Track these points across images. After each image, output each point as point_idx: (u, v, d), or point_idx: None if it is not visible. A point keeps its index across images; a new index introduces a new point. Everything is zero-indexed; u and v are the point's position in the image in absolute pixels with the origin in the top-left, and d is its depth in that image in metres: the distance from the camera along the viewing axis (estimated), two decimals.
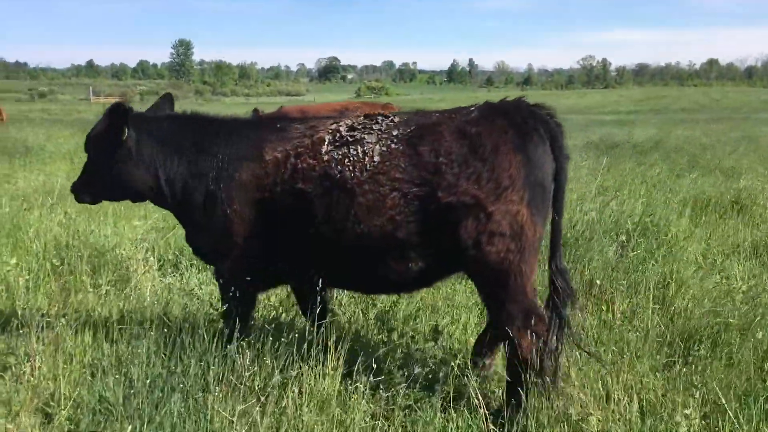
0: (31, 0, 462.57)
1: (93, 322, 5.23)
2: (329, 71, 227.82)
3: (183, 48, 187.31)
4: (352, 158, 3.91)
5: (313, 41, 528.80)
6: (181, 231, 5.46)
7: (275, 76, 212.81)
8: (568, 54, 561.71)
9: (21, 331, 4.89)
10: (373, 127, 4.02)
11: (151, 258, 7.17)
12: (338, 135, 4.05)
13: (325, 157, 3.97)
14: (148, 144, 4.43)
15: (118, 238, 7.80)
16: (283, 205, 4.06)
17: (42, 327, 4.77)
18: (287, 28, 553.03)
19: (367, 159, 3.87)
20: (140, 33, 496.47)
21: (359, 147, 3.93)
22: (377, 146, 3.90)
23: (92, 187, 4.68)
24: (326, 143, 4.03)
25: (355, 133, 4.02)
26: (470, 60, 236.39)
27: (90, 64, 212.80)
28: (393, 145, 3.87)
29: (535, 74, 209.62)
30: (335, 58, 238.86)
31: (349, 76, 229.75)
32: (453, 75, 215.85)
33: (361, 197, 3.83)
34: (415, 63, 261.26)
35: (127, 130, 4.37)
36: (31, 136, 21.35)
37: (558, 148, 3.77)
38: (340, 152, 3.95)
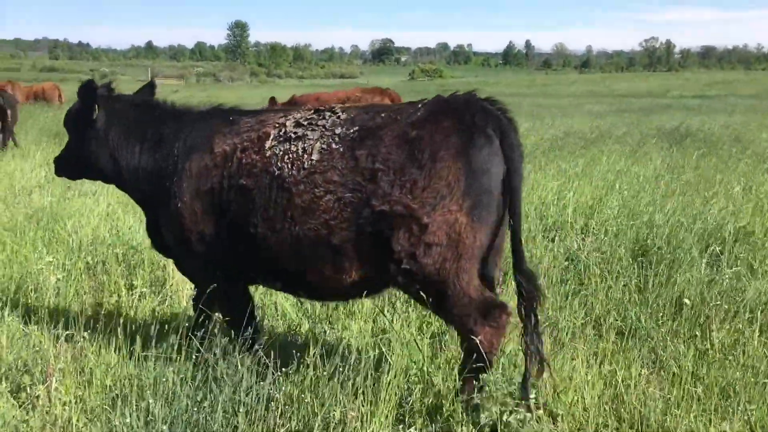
0: None
1: (122, 331, 4.71)
2: (383, 53, 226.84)
3: (239, 30, 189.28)
4: (291, 155, 3.77)
5: (368, 23, 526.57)
6: None
7: (329, 58, 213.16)
8: (630, 35, 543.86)
9: (42, 345, 4.46)
10: (318, 123, 3.85)
11: None
12: (283, 130, 3.91)
13: (268, 153, 3.84)
14: (116, 128, 4.38)
15: None
16: (229, 199, 3.92)
17: (65, 339, 4.33)
18: (342, 9, 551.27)
19: (305, 157, 3.73)
20: (198, 14, 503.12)
21: (300, 144, 3.79)
22: (317, 144, 3.74)
23: (68, 163, 4.70)
24: (271, 138, 3.89)
25: (299, 129, 3.87)
26: (527, 41, 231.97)
27: (149, 45, 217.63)
28: (334, 145, 3.70)
29: (594, 56, 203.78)
30: (389, 40, 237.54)
31: (403, 59, 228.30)
32: (509, 57, 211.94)
33: (297, 197, 3.69)
34: (470, 45, 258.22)
35: (97, 110, 4.35)
36: None
37: (509, 147, 3.50)
38: (282, 148, 3.82)
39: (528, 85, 66.57)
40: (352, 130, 3.70)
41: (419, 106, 3.72)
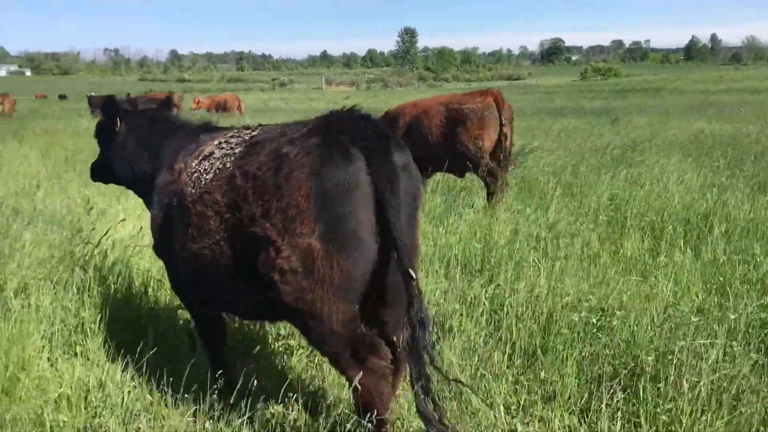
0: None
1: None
2: (552, 53, 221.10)
3: (408, 36, 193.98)
4: (198, 173, 3.68)
5: (537, 24, 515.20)
6: None
7: (497, 60, 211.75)
8: None
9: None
10: (230, 141, 3.71)
11: None
12: (208, 149, 3.79)
13: (191, 171, 3.77)
14: (131, 139, 4.67)
15: None
16: (172, 216, 3.86)
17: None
18: (510, 11, 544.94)
19: (204, 176, 3.62)
20: (370, 24, 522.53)
21: (206, 163, 3.69)
22: (216, 163, 3.60)
23: (100, 170, 5.08)
24: (199, 157, 3.80)
25: (215, 148, 3.74)
26: (712, 35, 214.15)
27: (324, 55, 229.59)
28: (227, 164, 3.52)
29: None
30: (559, 39, 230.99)
31: (574, 58, 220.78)
32: (692, 52, 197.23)
33: (194, 216, 3.58)
34: (648, 41, 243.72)
35: (119, 122, 4.69)
36: None
37: (379, 168, 3.08)
38: (197, 167, 3.74)
39: (715, 81, 61.33)
40: (243, 147, 3.54)
41: (309, 122, 3.45)
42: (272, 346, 4.86)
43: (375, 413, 3.15)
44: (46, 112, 33.76)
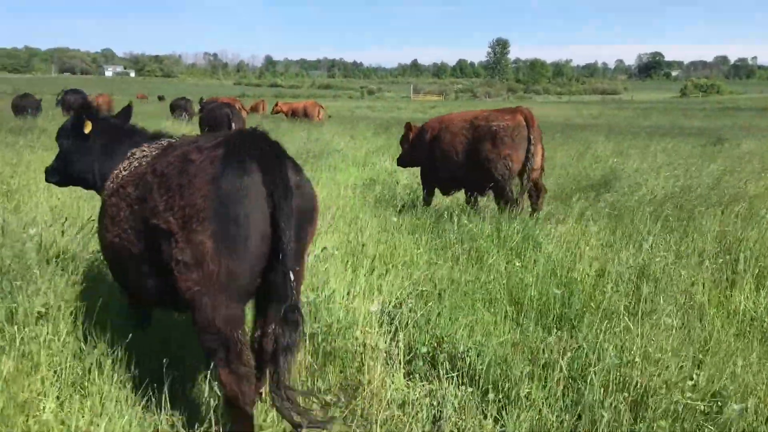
0: (360, 7, 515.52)
1: None
2: (651, 67, 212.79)
3: (500, 47, 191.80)
4: (119, 171, 4.16)
5: (635, 37, 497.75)
6: None
7: (590, 74, 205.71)
8: None
9: None
10: (153, 146, 4.17)
11: (396, 348, 4.61)
12: (136, 154, 4.20)
13: (117, 171, 4.22)
14: (97, 143, 5.12)
15: (353, 312, 5.02)
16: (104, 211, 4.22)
17: None
18: (607, 22, 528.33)
19: (122, 173, 4.09)
20: (462, 34, 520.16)
21: (127, 162, 4.16)
22: (134, 162, 4.07)
23: (58, 172, 5.40)
24: (128, 159, 4.22)
25: (139, 151, 4.20)
26: None
27: (414, 64, 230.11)
28: (143, 163, 3.96)
29: None
30: (659, 54, 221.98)
31: (674, 73, 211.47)
32: None
33: (110, 207, 3.99)
34: (755, 58, 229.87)
35: (90, 125, 5.06)
36: (337, 136, 21.03)
37: (272, 183, 3.42)
38: (122, 167, 4.18)
39: None
40: (158, 151, 3.96)
41: (224, 135, 3.73)
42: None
43: (238, 406, 3.47)
44: (139, 111, 34.88)
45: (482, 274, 6.02)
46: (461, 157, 8.43)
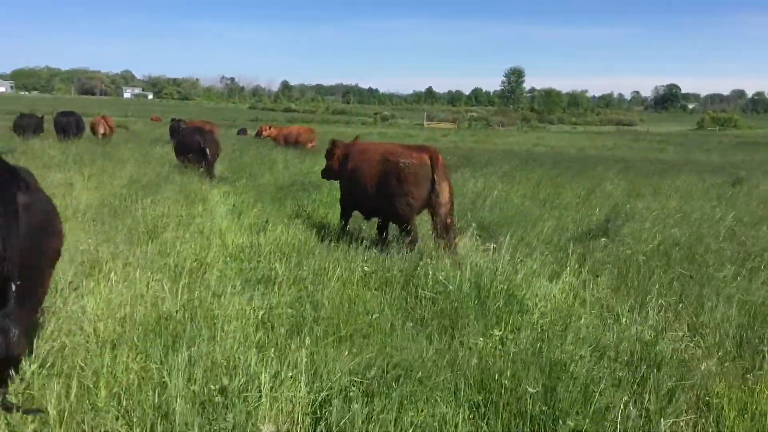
0: (377, 34, 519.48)
1: None
2: (667, 100, 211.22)
3: (515, 76, 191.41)
4: None
5: (651, 69, 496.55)
6: None
7: (606, 105, 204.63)
8: None
9: None
10: None
11: None
12: None
13: None
14: None
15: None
16: None
17: None
18: (623, 54, 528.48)
19: None
20: (477, 63, 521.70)
21: None
22: None
23: None
24: None
25: None
26: None
27: (429, 91, 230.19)
28: None
29: None
30: (675, 86, 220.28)
31: (690, 106, 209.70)
32: None
33: None
34: None
35: None
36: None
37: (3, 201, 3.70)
38: None
39: None
40: None
41: None
42: None
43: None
44: (148, 136, 34.23)
45: (450, 350, 4.99)
46: (372, 188, 8.75)
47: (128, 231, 8.48)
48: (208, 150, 15.49)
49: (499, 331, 5.33)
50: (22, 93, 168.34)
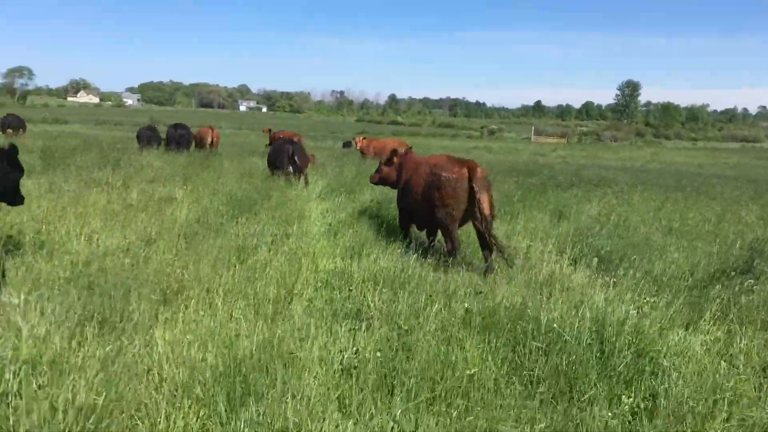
0: (486, 47, 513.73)
1: None
2: None
3: (630, 89, 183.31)
4: None
5: None
6: None
7: (729, 119, 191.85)
8: None
9: None
10: None
11: None
12: None
13: None
14: None
15: None
16: None
17: None
18: (749, 64, 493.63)
19: None
20: (588, 77, 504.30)
21: None
22: None
23: None
24: None
25: None
26: None
27: (538, 105, 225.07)
28: None
29: None
30: None
31: None
32: None
33: None
34: None
35: None
36: None
37: None
38: None
39: None
40: None
41: None
42: None
43: None
44: (257, 144, 34.84)
45: (568, 419, 4.09)
46: (420, 198, 9.21)
47: (218, 251, 8.10)
48: (297, 159, 16.56)
49: (628, 398, 4.38)
50: (150, 106, 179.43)
